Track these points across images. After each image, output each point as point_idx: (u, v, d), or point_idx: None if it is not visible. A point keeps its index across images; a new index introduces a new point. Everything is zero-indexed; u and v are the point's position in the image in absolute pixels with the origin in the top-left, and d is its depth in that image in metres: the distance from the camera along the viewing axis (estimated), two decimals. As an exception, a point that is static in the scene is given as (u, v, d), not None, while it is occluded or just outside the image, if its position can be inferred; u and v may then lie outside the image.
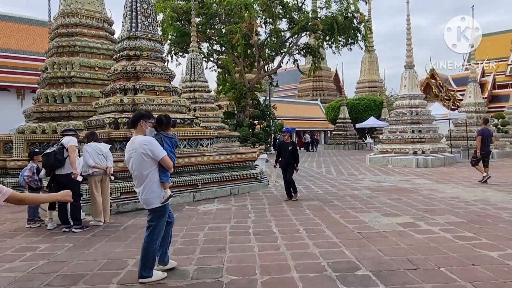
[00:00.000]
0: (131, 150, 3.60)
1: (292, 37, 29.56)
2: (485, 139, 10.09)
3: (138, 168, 3.57)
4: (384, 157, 15.90)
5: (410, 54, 16.30)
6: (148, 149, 3.50)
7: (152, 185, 3.56)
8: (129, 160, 3.63)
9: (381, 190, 9.27)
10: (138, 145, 3.53)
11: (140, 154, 3.51)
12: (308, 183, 10.89)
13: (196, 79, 18.05)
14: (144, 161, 3.52)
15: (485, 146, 10.11)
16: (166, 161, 3.60)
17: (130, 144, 3.65)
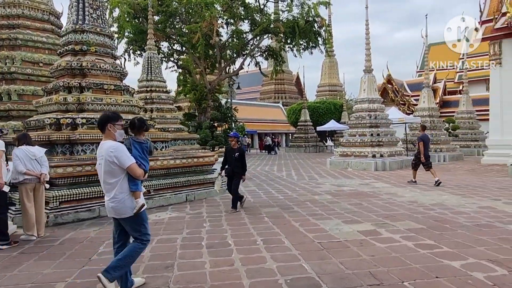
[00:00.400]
0: (100, 156, 3.36)
1: (254, 39, 29.38)
2: (426, 144, 10.77)
3: (106, 176, 3.31)
4: (344, 160, 15.98)
5: (369, 58, 16.55)
6: (114, 156, 3.24)
7: (121, 194, 3.30)
8: (99, 168, 3.39)
9: (342, 194, 9.13)
10: (105, 151, 3.28)
11: (107, 161, 3.26)
12: (268, 188, 10.57)
13: (153, 78, 17.25)
14: (112, 169, 3.27)
15: (426, 151, 10.78)
16: (133, 170, 3.31)
17: (99, 150, 3.40)
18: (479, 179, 11.70)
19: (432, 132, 20.53)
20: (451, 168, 15.82)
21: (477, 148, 24.33)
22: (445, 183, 10.71)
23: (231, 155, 7.55)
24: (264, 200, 8.59)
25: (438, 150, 19.87)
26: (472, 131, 25.21)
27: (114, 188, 3.29)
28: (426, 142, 10.84)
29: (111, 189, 3.30)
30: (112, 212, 3.36)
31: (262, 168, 17.51)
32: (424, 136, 10.97)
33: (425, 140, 10.79)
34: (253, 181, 12.24)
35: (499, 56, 18.13)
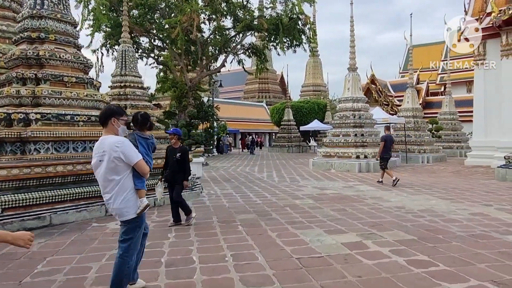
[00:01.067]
0: (100, 152, 3.05)
1: (237, 35, 28.64)
2: (388, 145, 10.77)
3: (109, 173, 3.03)
4: (327, 161, 15.43)
5: (353, 56, 16.05)
6: (121, 152, 3.00)
7: (126, 193, 3.07)
8: (98, 165, 3.05)
9: (324, 199, 8.51)
10: (108, 147, 3.01)
11: (111, 157, 2.99)
12: (247, 191, 9.86)
13: (127, 73, 16.27)
14: (116, 166, 3.02)
15: (387, 151, 10.80)
16: (141, 166, 3.12)
17: (99, 145, 3.09)
18: (465, 182, 11.30)
19: (416, 133, 20.27)
20: (436, 170, 15.48)
21: (460, 150, 24.26)
22: (431, 186, 10.24)
23: (172, 156, 6.13)
24: (241, 205, 7.88)
25: (422, 151, 19.60)
26: (455, 132, 25.15)
27: (116, 186, 3.03)
28: (388, 143, 10.79)
29: (113, 188, 3.03)
30: (114, 214, 3.13)
31: (243, 169, 16.81)
32: (386, 136, 10.91)
33: (387, 141, 10.77)
34: (231, 183, 11.52)
35: (483, 57, 17.93)
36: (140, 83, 16.72)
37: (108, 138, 3.08)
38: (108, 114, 3.13)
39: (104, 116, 3.14)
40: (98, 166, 3.05)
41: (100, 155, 3.03)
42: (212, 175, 14.11)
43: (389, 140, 10.91)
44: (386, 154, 10.85)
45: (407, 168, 16.42)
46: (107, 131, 3.14)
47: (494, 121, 17.32)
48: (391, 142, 11.05)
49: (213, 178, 13.12)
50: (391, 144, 10.99)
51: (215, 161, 22.52)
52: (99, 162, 3.04)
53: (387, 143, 10.77)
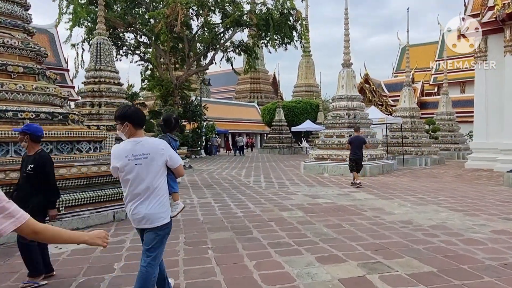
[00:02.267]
0: (138, 155, 2.74)
1: (226, 31, 27.40)
2: (355, 146, 10.51)
3: (153, 177, 2.78)
4: (320, 164, 14.25)
5: (347, 51, 14.90)
6: (168, 155, 2.86)
7: (162, 197, 2.84)
8: (132, 169, 2.73)
9: (317, 210, 7.31)
10: (152, 150, 2.79)
11: (155, 160, 2.79)
12: (228, 200, 8.62)
13: (102, 68, 15.02)
14: (159, 169, 2.82)
15: (354, 153, 10.55)
16: (181, 170, 3.05)
17: (134, 147, 2.76)
18: (473, 188, 10.19)
19: (413, 134, 19.23)
20: (436, 174, 14.39)
21: (457, 151, 23.31)
22: (436, 194, 9.11)
23: (23, 169, 3.94)
24: (217, 218, 6.63)
25: (420, 154, 18.54)
26: (452, 133, 24.19)
27: (155, 190, 2.82)
28: (355, 144, 10.56)
29: (152, 192, 2.80)
30: (145, 220, 2.79)
31: (229, 172, 15.56)
32: (354, 138, 10.70)
33: (353, 143, 10.60)
34: (212, 190, 10.27)
35: (485, 53, 16.94)
36: (117, 79, 15.41)
37: (149, 140, 2.88)
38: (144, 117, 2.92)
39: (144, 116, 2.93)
40: (132, 170, 2.75)
41: (137, 158, 2.75)
42: (194, 179, 12.84)
43: (356, 141, 10.60)
44: (353, 155, 10.64)
45: (405, 171, 15.32)
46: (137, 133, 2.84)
47: (496, 121, 16.32)
48: (360, 144, 10.66)
49: (193, 183, 11.85)
50: (360, 146, 10.64)
51: (201, 163, 21.23)
52: (134, 166, 2.75)
53: (354, 144, 10.55)
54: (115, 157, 2.77)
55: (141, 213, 2.77)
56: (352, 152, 10.70)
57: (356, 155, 10.69)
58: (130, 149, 2.76)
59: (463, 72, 42.29)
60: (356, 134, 10.96)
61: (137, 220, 2.81)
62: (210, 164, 20.18)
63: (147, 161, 2.75)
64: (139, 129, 2.84)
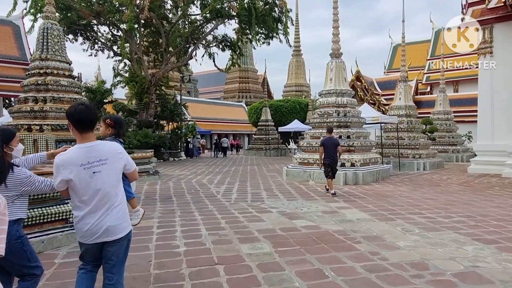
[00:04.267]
0: (95, 161, 2.45)
1: (206, 23, 25.32)
2: (328, 149, 9.38)
3: (110, 185, 2.49)
4: (304, 170, 12.23)
5: (337, 39, 12.91)
6: (126, 159, 2.66)
7: (122, 205, 2.57)
8: (90, 178, 2.42)
9: (291, 241, 5.26)
10: (109, 154, 2.52)
11: (115, 165, 2.54)
12: (178, 222, 6.52)
13: (49, 57, 12.71)
14: (118, 176, 2.58)
15: (328, 157, 9.40)
16: (136, 173, 2.88)
17: (88, 154, 2.44)
18: (490, 202, 8.25)
19: (410, 134, 17.36)
20: (439, 181, 12.49)
21: (456, 154, 21.55)
22: (448, 212, 7.14)
23: None
24: (144, 258, 4.53)
25: (417, 156, 16.67)
26: (450, 134, 22.43)
27: (116, 199, 2.51)
28: (328, 146, 9.38)
29: (112, 202, 2.50)
30: (109, 233, 2.46)
31: (201, 179, 13.47)
32: (327, 139, 9.53)
33: (326, 145, 9.40)
34: (166, 205, 8.18)
35: (490, 45, 15.11)
36: (68, 71, 13.13)
37: (104, 143, 2.60)
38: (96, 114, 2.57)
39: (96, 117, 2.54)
40: (90, 180, 2.40)
41: (94, 165, 2.43)
42: (153, 189, 10.73)
43: (330, 143, 9.44)
44: (327, 159, 9.44)
45: (402, 178, 13.40)
46: (90, 137, 2.49)
47: (503, 121, 14.51)
48: (334, 146, 9.46)
49: (150, 194, 9.74)
50: (334, 148, 9.44)
51: (176, 167, 19.08)
52: (93, 175, 2.42)
53: (327, 147, 9.37)
54: (66, 167, 2.39)
55: (103, 226, 2.44)
56: (327, 156, 9.41)
57: (331, 158, 9.44)
58: (84, 156, 2.42)
59: (456, 71, 40.91)
60: (328, 136, 9.75)
61: (99, 234, 2.44)
62: (185, 169, 18.05)
63: (106, 167, 2.47)
64: (86, 132, 2.47)
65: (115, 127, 3.94)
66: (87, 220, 2.44)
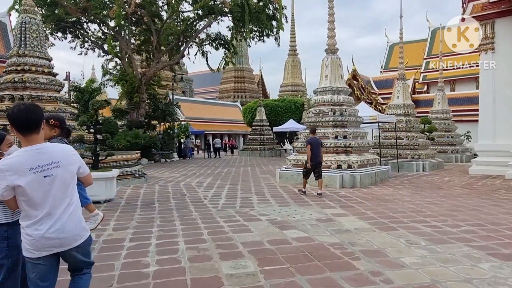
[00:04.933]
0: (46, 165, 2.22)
1: (198, 20, 24.62)
2: (315, 148, 9.29)
3: (63, 190, 2.30)
4: (298, 172, 11.53)
5: (332, 34, 12.25)
6: (80, 162, 2.48)
7: (78, 211, 2.41)
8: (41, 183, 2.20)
9: (280, 254, 4.59)
10: (62, 156, 2.31)
11: (67, 169, 2.33)
12: (155, 233, 5.82)
13: (27, 53, 12.12)
14: (71, 180, 2.38)
15: (315, 156, 9.29)
16: (91, 177, 2.70)
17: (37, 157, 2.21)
18: (498, 207, 7.62)
19: (408, 134, 16.74)
20: (440, 183, 11.87)
21: (455, 154, 20.98)
22: (455, 220, 6.49)
23: None
24: (102, 283, 3.82)
25: (416, 157, 16.05)
26: (449, 133, 21.86)
27: (72, 205, 2.34)
28: (315, 146, 9.31)
29: (72, 205, 2.34)
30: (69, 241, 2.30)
31: (191, 181, 12.78)
32: (312, 139, 9.44)
33: (313, 144, 9.29)
34: (147, 213, 7.47)
35: (492, 40, 14.53)
36: (47, 67, 12.42)
37: (55, 145, 2.41)
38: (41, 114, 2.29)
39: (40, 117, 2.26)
40: (41, 185, 2.19)
41: (46, 169, 2.22)
42: (137, 193, 10.02)
43: (316, 143, 9.39)
44: (315, 158, 9.33)
45: (401, 180, 12.77)
46: (40, 138, 2.29)
47: (506, 120, 13.93)
48: (319, 145, 9.47)
49: (132, 200, 9.03)
50: (319, 148, 9.44)
51: (167, 168, 18.36)
52: (44, 179, 2.20)
53: (313, 146, 9.26)
54: (14, 172, 2.14)
55: (61, 234, 2.26)
56: (314, 155, 9.28)
57: (318, 158, 9.36)
58: (32, 159, 2.20)
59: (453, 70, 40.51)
60: (312, 136, 9.69)
61: (57, 243, 2.25)
62: (175, 170, 17.34)
63: (59, 170, 2.27)
64: (31, 134, 2.24)
65: (60, 127, 3.72)
66: (40, 228, 2.21)
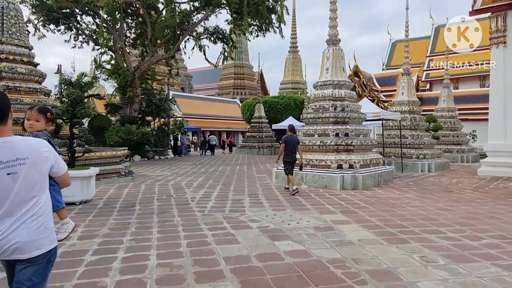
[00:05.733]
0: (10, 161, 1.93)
1: (194, 12, 23.74)
2: (291, 147, 9.45)
3: (27, 190, 1.96)
4: (296, 172, 10.70)
5: (334, 23, 11.38)
6: (53, 159, 2.12)
7: (47, 217, 2.05)
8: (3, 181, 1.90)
9: (270, 274, 3.76)
10: (30, 151, 1.99)
11: (35, 166, 1.99)
12: (125, 243, 4.99)
13: (4, 40, 11.27)
14: (40, 179, 2.03)
15: (289, 155, 9.44)
16: (68, 178, 2.32)
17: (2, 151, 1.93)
18: (518, 215, 6.80)
19: (413, 133, 15.89)
20: (448, 185, 11.03)
21: (461, 154, 20.14)
22: (474, 228, 5.65)
23: None
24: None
25: (421, 157, 15.21)
26: (454, 132, 21.01)
27: (40, 206, 2.02)
28: (291, 145, 9.44)
29: (35, 210, 1.99)
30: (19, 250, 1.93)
31: (181, 180, 11.97)
32: (289, 137, 9.55)
33: (288, 142, 9.43)
34: (123, 216, 6.64)
35: (503, 34, 13.67)
36: (27, 56, 11.54)
37: (24, 139, 2.04)
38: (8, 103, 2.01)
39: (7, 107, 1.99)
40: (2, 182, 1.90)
41: (10, 165, 1.93)
42: (119, 194, 9.18)
43: (291, 141, 9.48)
44: (288, 157, 9.44)
45: (407, 181, 11.94)
46: (7, 131, 1.98)
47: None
48: (296, 144, 9.52)
49: (111, 201, 8.20)
50: (294, 146, 9.49)
51: (160, 166, 17.53)
52: (6, 176, 1.91)
53: (288, 144, 9.40)
54: None
55: (13, 239, 1.92)
56: (288, 153, 9.41)
57: (292, 156, 9.47)
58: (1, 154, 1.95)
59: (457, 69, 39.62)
60: (290, 134, 9.72)
61: (7, 250, 1.92)
62: (168, 168, 16.50)
63: (25, 168, 1.96)
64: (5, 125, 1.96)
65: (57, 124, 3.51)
66: None
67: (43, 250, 1.99)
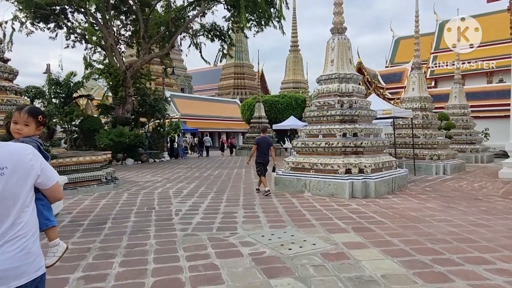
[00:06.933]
0: None
1: (191, 8, 22.55)
2: (262, 149, 9.42)
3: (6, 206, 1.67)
4: (298, 178, 9.45)
5: (339, 9, 10.10)
6: (39, 168, 1.81)
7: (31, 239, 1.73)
8: None
9: None
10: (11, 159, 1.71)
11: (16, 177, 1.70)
12: (71, 282, 3.76)
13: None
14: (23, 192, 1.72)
15: (261, 156, 9.42)
16: (58, 190, 1.99)
17: None
18: None
19: (426, 132, 14.59)
20: (471, 190, 9.73)
21: (475, 154, 18.81)
22: None
23: None
24: None
25: (435, 158, 13.90)
26: (467, 131, 19.68)
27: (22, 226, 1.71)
28: (263, 146, 9.44)
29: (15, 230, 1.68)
30: None
31: (171, 187, 10.73)
32: (261, 138, 9.58)
33: (260, 144, 9.45)
34: (86, 238, 5.40)
35: (526, 22, 12.39)
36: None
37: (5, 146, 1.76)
38: None
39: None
40: None
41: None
42: (93, 206, 7.94)
43: (264, 143, 9.48)
44: (260, 158, 9.43)
45: (423, 186, 10.64)
46: None
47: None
48: (267, 145, 9.49)
49: (79, 217, 6.95)
50: (267, 148, 9.47)
51: (152, 170, 16.31)
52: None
53: (261, 145, 9.43)
54: None
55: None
56: (260, 155, 9.41)
57: (264, 157, 9.44)
58: None
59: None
60: (263, 135, 9.75)
61: None
62: (160, 173, 15.26)
63: (3, 179, 1.66)
64: None
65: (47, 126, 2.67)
66: None
67: (26, 279, 1.69)
